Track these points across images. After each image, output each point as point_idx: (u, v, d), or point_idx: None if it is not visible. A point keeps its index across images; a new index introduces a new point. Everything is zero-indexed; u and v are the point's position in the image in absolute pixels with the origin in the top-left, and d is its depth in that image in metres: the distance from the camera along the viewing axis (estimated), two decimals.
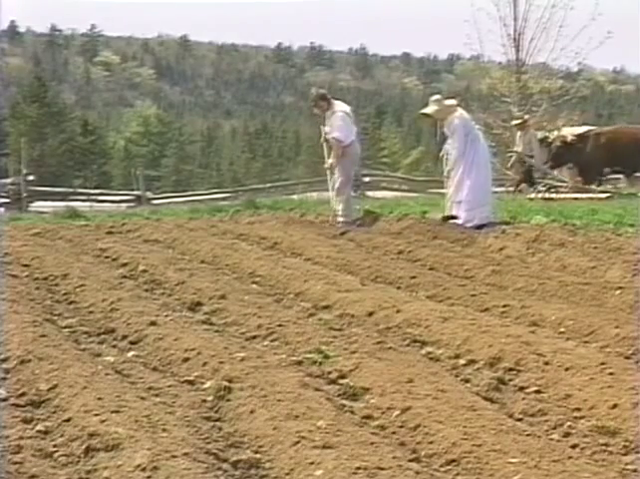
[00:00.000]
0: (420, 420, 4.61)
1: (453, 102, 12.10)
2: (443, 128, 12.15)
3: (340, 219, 12.31)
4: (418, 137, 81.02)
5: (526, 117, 19.25)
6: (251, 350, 5.93)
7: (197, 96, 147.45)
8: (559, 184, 18.73)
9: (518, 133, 18.98)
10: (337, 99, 13.01)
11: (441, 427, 4.48)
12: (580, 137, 18.02)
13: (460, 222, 11.55)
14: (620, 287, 7.97)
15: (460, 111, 11.96)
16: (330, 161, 12.42)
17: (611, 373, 5.23)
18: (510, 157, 19.23)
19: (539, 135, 18.83)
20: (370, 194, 23.41)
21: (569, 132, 18.42)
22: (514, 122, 19.65)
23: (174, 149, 76.05)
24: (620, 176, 19.61)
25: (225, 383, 5.14)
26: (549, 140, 18.42)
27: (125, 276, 8.67)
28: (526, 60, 24.76)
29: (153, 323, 6.54)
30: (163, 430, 4.35)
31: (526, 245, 10.30)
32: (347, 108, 12.47)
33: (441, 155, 12.32)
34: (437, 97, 12.17)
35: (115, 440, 4.22)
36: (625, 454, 4.39)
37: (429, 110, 11.96)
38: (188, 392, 5.18)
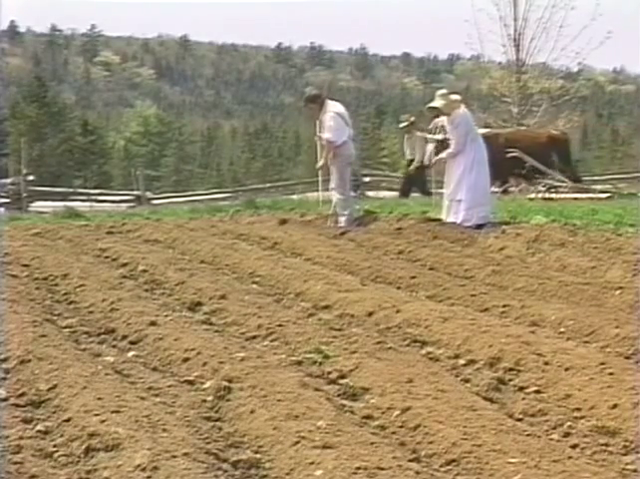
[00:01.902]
0: (420, 420, 4.61)
1: (457, 97, 12.12)
2: (438, 122, 12.22)
3: (340, 218, 12.32)
4: None
5: (412, 119, 17.96)
6: (251, 350, 5.94)
7: (197, 96, 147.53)
8: (559, 184, 18.67)
9: (405, 136, 17.96)
10: (333, 99, 13.00)
11: (441, 427, 4.48)
12: None
13: (458, 221, 11.53)
14: (620, 287, 7.97)
15: (463, 107, 12.00)
16: (321, 162, 12.54)
17: (611, 373, 5.23)
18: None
19: (439, 137, 17.70)
20: (370, 194, 23.40)
21: None
22: (401, 125, 18.25)
23: (174, 149, 76.13)
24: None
25: (225, 383, 5.14)
26: (447, 143, 17.35)
27: (125, 276, 8.66)
28: (526, 60, 24.78)
29: (153, 323, 6.54)
30: (164, 430, 4.35)
31: (526, 245, 10.29)
32: (341, 108, 12.44)
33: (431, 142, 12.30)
34: (443, 91, 12.21)
35: (115, 440, 4.22)
36: (625, 454, 4.39)
37: (437, 103, 11.95)
38: (188, 392, 5.18)
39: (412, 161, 17.51)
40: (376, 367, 5.47)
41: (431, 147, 16.13)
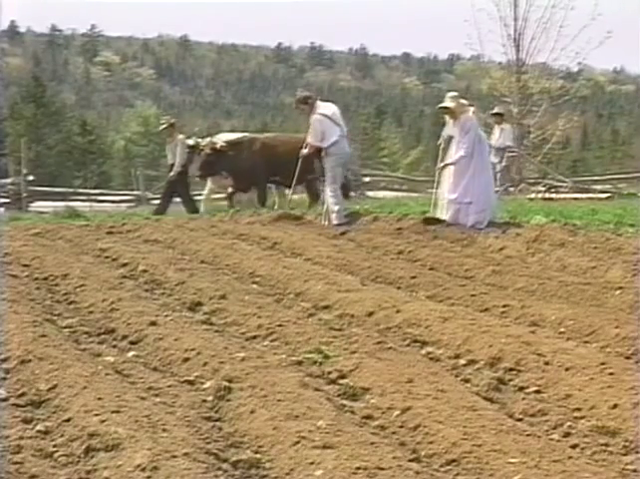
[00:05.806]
0: (420, 420, 4.61)
1: (466, 102, 12.18)
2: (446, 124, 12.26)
3: (331, 215, 12.38)
4: (418, 137, 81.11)
5: (172, 121, 16.93)
6: (251, 350, 5.93)
7: (197, 96, 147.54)
8: (559, 184, 18.70)
9: (168, 139, 16.92)
10: (326, 100, 13.11)
11: (441, 427, 4.48)
12: (233, 144, 16.31)
13: (469, 224, 11.52)
14: (620, 287, 7.98)
15: (471, 111, 12.05)
16: (304, 151, 12.77)
17: (611, 373, 5.24)
18: None
19: (191, 141, 17.06)
20: (370, 194, 23.40)
21: (222, 138, 16.61)
22: (160, 127, 17.25)
23: None
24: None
25: (225, 383, 5.14)
26: (201, 147, 16.68)
27: (125, 276, 8.66)
28: (526, 60, 24.80)
29: (153, 323, 6.54)
30: (164, 430, 4.35)
31: (526, 245, 10.30)
32: (331, 109, 12.57)
33: (438, 143, 12.24)
34: (453, 94, 12.24)
35: (115, 440, 4.21)
36: (625, 454, 4.39)
37: (450, 104, 11.95)
38: (188, 392, 5.18)
39: (173, 166, 16.53)
40: (376, 367, 5.47)
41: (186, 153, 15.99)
